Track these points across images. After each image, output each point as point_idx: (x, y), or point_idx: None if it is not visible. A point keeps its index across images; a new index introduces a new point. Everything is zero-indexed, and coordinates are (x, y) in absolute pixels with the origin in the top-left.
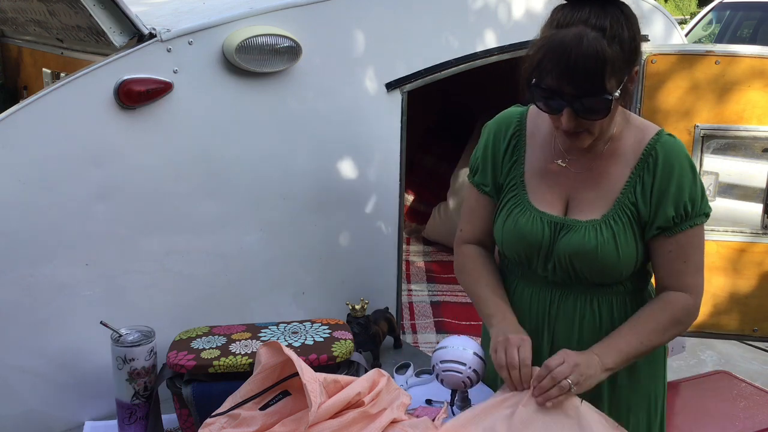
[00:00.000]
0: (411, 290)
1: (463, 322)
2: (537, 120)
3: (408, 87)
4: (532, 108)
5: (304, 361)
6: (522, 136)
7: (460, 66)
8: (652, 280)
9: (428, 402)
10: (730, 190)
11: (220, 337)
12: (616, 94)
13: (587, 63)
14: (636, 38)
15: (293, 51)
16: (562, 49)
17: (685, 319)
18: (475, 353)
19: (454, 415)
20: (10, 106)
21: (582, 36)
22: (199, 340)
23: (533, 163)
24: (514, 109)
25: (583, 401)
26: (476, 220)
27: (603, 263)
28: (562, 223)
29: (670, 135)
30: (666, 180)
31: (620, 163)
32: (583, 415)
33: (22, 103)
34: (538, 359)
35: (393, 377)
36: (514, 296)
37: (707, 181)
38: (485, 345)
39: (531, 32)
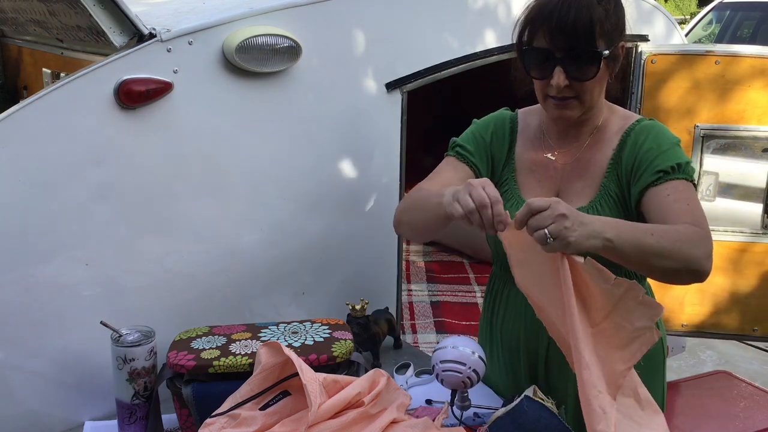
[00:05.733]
0: (411, 290)
1: (463, 322)
2: (527, 118)
3: (408, 87)
4: (522, 110)
5: (304, 361)
6: (515, 136)
7: (460, 66)
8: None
9: (428, 402)
10: (730, 190)
11: (220, 337)
12: (606, 52)
13: (577, 15)
14: (622, 12)
15: (293, 51)
16: (552, 6)
17: (697, 237)
18: (475, 353)
19: (454, 415)
20: (10, 106)
21: None
22: (199, 340)
23: (523, 159)
24: (505, 111)
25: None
26: (441, 179)
27: None
28: None
29: (651, 119)
30: (643, 149)
31: (603, 149)
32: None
33: (22, 103)
34: (533, 358)
35: (393, 377)
36: (507, 301)
37: (707, 181)
38: (482, 343)
39: None
